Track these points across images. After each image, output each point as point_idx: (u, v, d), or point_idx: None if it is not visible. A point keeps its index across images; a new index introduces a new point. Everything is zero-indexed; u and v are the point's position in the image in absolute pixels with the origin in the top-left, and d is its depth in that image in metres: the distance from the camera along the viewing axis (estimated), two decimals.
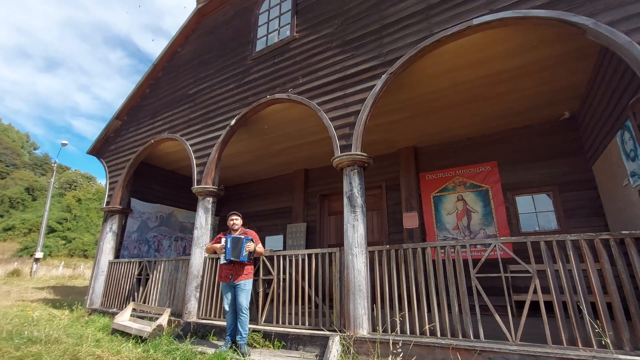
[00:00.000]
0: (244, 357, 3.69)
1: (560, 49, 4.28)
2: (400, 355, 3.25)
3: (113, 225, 7.20)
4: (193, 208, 9.29)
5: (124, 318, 5.50)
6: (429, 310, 3.38)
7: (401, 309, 3.54)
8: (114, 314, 6.16)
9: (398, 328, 3.46)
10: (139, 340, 4.76)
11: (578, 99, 5.38)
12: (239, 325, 3.95)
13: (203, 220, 5.56)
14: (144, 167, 8.10)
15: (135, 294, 6.13)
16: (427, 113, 5.77)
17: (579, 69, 4.71)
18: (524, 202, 5.93)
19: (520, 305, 4.83)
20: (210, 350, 3.99)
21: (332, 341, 3.56)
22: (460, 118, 5.94)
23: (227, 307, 4.08)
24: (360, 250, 3.86)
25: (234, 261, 4.06)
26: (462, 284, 3.29)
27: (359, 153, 4.19)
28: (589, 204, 5.33)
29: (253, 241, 4.13)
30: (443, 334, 3.26)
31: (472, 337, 3.12)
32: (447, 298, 3.34)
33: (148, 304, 5.83)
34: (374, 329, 3.63)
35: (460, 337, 3.16)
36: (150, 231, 8.18)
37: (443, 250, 3.51)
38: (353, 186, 4.14)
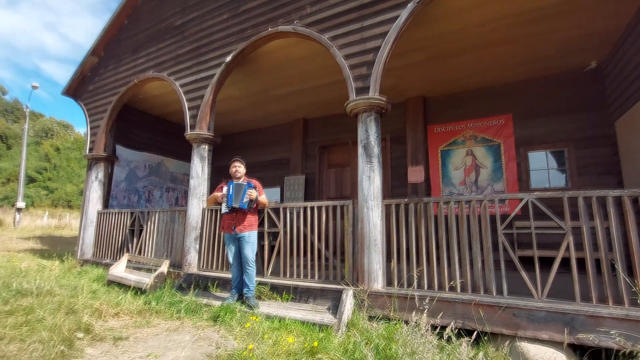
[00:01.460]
0: (252, 309, 3.55)
1: None
2: (419, 309, 3.15)
3: (99, 173, 6.69)
4: (184, 158, 8.83)
5: (120, 269, 5.28)
6: (449, 266, 3.23)
7: (419, 264, 3.38)
8: (107, 265, 5.93)
9: (415, 283, 3.33)
10: (138, 292, 4.58)
11: (609, 47, 4.93)
12: (245, 278, 3.76)
13: (199, 169, 5.14)
14: (128, 111, 7.40)
15: (129, 245, 5.87)
16: (445, 56, 5.23)
17: (621, 9, 4.21)
18: (533, 159, 5.72)
19: (545, 262, 4.81)
20: (216, 303, 3.84)
21: (346, 295, 3.43)
22: (479, 64, 5.44)
23: (231, 259, 3.87)
24: (376, 203, 3.60)
25: (236, 209, 3.76)
26: (488, 240, 3.11)
27: (378, 97, 3.74)
28: (603, 162, 5.15)
29: (256, 189, 3.80)
30: (464, 290, 3.14)
31: (494, 293, 3.01)
32: (470, 254, 3.18)
33: (143, 255, 5.59)
34: (388, 284, 3.50)
35: (482, 293, 3.05)
36: (140, 181, 7.72)
37: (468, 205, 3.27)
38: (369, 134, 3.76)
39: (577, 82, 5.49)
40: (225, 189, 3.87)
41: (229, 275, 4.44)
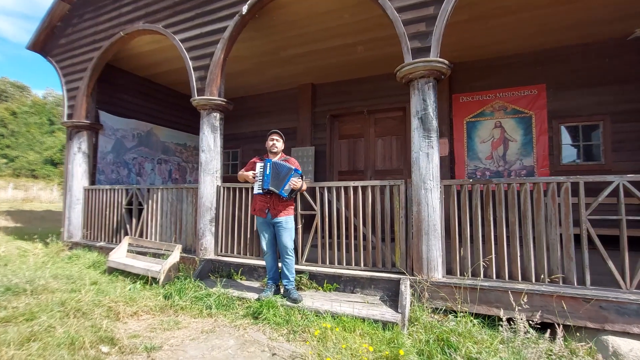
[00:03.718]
0: (296, 302, 3.14)
1: None
2: (490, 302, 2.86)
3: (82, 144, 5.80)
4: (177, 126, 7.95)
5: (120, 254, 4.67)
6: (522, 255, 2.93)
7: (485, 252, 3.05)
8: (102, 249, 5.28)
9: (482, 272, 3.02)
10: (149, 282, 4.04)
11: None
12: (284, 268, 3.31)
13: (211, 141, 4.46)
14: (111, 71, 6.37)
15: (127, 226, 5.20)
16: (487, 17, 4.66)
17: None
18: (564, 133, 5.47)
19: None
20: (249, 295, 3.39)
21: (405, 285, 3.08)
22: (521, 28, 4.92)
23: (265, 247, 3.38)
24: (435, 184, 3.17)
25: (273, 192, 3.22)
26: (569, 227, 2.80)
27: (439, 59, 3.19)
28: (638, 137, 4.96)
29: (302, 177, 3.24)
30: (538, 280, 2.87)
31: (575, 284, 2.75)
32: (547, 241, 2.87)
33: (146, 238, 4.98)
34: (448, 272, 3.18)
35: (561, 284, 2.79)
36: (129, 152, 6.85)
37: (546, 187, 2.91)
38: (428, 104, 3.24)
39: (618, 51, 5.14)
40: (259, 165, 3.29)
41: (254, 262, 3.98)
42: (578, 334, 2.69)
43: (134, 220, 5.17)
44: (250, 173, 3.33)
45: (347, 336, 2.60)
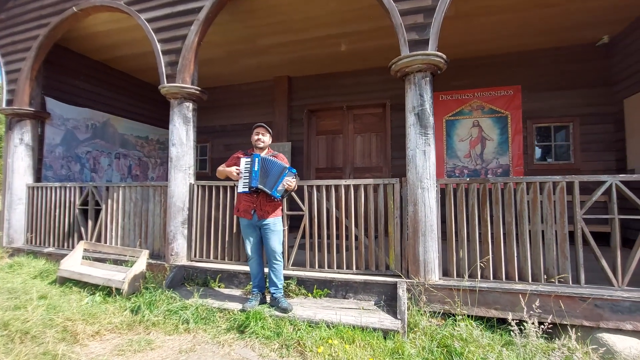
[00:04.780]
0: (286, 312, 2.87)
1: None
2: (489, 303, 2.79)
3: (24, 135, 5.02)
4: (138, 117, 7.26)
5: (74, 262, 4.08)
6: (518, 254, 2.89)
7: (482, 253, 2.98)
8: (50, 255, 4.62)
9: (479, 273, 2.94)
10: (110, 294, 3.54)
11: (626, 23, 4.84)
12: (272, 274, 3.01)
13: (182, 133, 4.01)
14: (61, 52, 5.61)
15: (82, 229, 4.57)
16: (474, 15, 4.64)
17: None
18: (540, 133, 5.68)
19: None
20: (231, 305, 3.05)
21: (402, 289, 2.92)
22: (501, 28, 4.98)
23: (249, 252, 3.06)
24: (432, 182, 3.05)
25: (262, 191, 2.90)
26: (564, 227, 2.80)
27: (438, 53, 3.07)
28: (605, 139, 5.26)
29: (296, 176, 2.95)
30: (535, 280, 2.84)
31: (570, 283, 2.76)
32: (543, 241, 2.85)
33: (106, 242, 4.40)
34: (444, 274, 3.07)
35: (557, 283, 2.79)
36: (82, 145, 6.09)
37: (542, 187, 2.89)
38: (425, 100, 3.10)
39: (586, 57, 5.40)
40: (244, 161, 2.95)
41: (234, 267, 3.64)
42: (573, 332, 2.70)
43: (89, 223, 4.56)
44: (234, 169, 2.98)
45: (347, 349, 2.39)
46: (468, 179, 3.06)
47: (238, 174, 2.96)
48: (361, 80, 6.49)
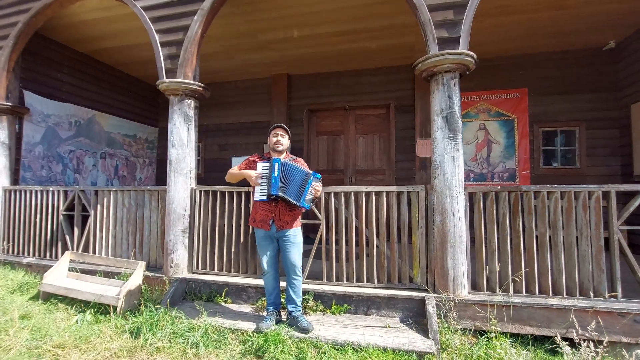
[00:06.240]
0: (306, 333, 2.61)
1: None
2: (523, 319, 2.63)
3: (0, 132, 4.52)
4: (126, 115, 6.81)
5: (60, 274, 3.68)
6: (551, 267, 2.75)
7: (514, 265, 2.82)
8: (30, 266, 4.18)
9: (511, 287, 2.78)
10: (101, 311, 3.18)
11: (633, 28, 4.84)
12: (290, 290, 2.74)
13: (184, 133, 3.67)
14: (41, 41, 5.12)
15: (67, 238, 4.15)
16: (487, 15, 4.51)
17: None
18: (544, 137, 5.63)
19: None
20: (247, 325, 2.76)
21: (431, 305, 2.72)
22: (510, 30, 4.89)
23: (265, 266, 2.78)
24: (461, 191, 2.86)
25: (284, 200, 2.62)
26: (600, 238, 2.67)
27: (469, 53, 2.88)
28: (610, 144, 5.25)
29: (320, 181, 2.68)
30: (569, 294, 2.70)
31: (606, 296, 2.63)
32: (578, 252, 2.72)
33: (94, 253, 4.00)
34: (472, 288, 2.89)
35: (592, 297, 2.65)
36: (64, 144, 5.60)
37: (577, 196, 2.76)
38: (454, 102, 2.91)
39: (593, 61, 5.38)
40: (262, 165, 2.67)
41: (242, 280, 3.35)
42: (611, 348, 2.58)
43: (76, 230, 4.14)
44: (253, 172, 2.69)
45: None
46: (499, 187, 2.89)
47: (258, 177, 2.67)
48: (364, 80, 6.28)
